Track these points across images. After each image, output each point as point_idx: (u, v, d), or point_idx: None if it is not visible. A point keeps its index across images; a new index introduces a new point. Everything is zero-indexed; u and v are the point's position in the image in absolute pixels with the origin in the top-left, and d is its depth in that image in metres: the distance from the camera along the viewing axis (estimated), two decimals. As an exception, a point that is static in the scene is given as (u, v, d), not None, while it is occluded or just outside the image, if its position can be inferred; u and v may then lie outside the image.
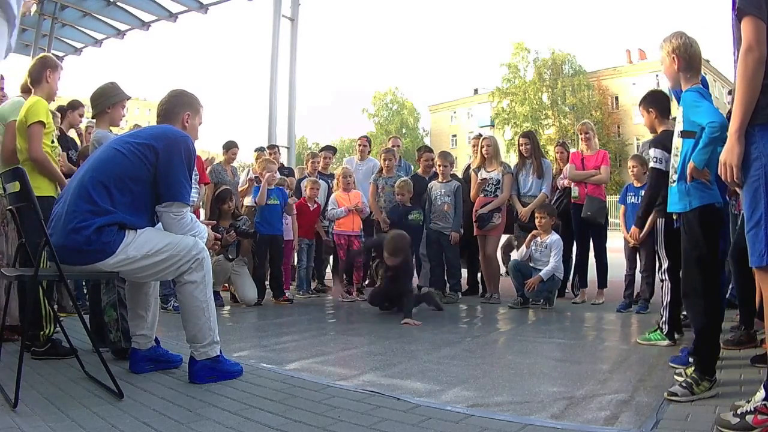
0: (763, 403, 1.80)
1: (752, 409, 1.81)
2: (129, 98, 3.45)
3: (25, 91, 3.42)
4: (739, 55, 1.85)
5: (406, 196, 5.65)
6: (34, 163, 3.14)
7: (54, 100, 3.38)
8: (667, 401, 2.21)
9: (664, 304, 3.41)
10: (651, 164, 3.42)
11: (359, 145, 7.08)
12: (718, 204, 2.46)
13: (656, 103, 3.47)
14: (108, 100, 3.28)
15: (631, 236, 4.30)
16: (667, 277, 3.41)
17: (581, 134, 5.65)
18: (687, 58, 2.49)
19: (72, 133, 5.38)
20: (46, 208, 2.59)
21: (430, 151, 6.64)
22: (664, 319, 3.39)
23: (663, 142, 3.39)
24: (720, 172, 1.95)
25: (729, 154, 1.89)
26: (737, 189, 1.99)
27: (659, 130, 3.46)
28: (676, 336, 3.41)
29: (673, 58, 2.50)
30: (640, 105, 3.57)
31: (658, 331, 3.41)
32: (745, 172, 1.88)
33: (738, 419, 1.81)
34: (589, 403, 2.22)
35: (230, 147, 6.63)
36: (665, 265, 3.42)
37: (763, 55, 1.81)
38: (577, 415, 2.08)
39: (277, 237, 5.54)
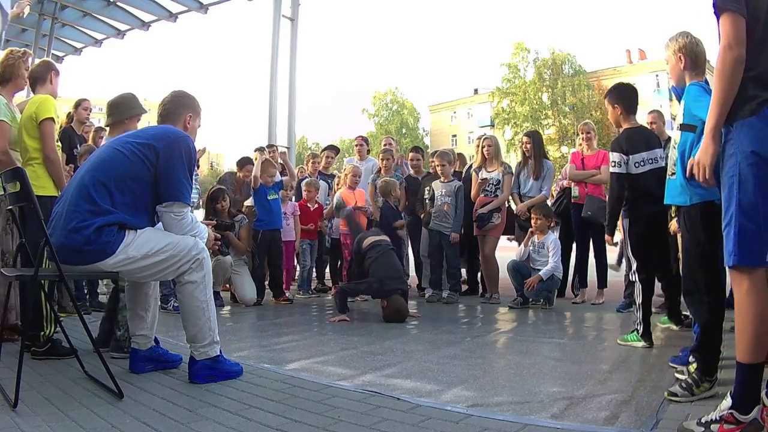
0: (730, 411, 1.75)
1: (717, 418, 1.76)
2: (146, 112, 3.39)
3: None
4: (718, 53, 1.80)
5: (391, 196, 5.68)
6: (47, 162, 3.14)
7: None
8: (667, 401, 2.21)
9: (638, 304, 3.39)
10: (610, 168, 3.41)
11: (356, 145, 7.11)
12: (717, 201, 2.46)
13: (622, 99, 3.49)
14: (127, 112, 3.23)
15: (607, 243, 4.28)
16: (637, 278, 3.40)
17: (582, 134, 5.64)
18: (693, 56, 2.49)
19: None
20: (51, 207, 2.59)
21: (416, 150, 6.65)
22: (638, 319, 3.36)
23: (621, 144, 3.42)
24: (693, 171, 1.93)
25: (703, 153, 1.86)
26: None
27: (623, 126, 3.48)
28: (677, 327, 3.44)
29: (679, 57, 2.51)
30: (605, 97, 3.57)
31: (635, 332, 3.39)
32: (721, 169, 1.85)
33: (702, 428, 1.77)
34: (589, 403, 2.22)
35: (244, 164, 6.03)
36: (634, 266, 3.42)
37: (742, 54, 1.76)
38: (577, 415, 2.08)
39: (276, 234, 5.50)
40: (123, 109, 3.23)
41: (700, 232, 2.39)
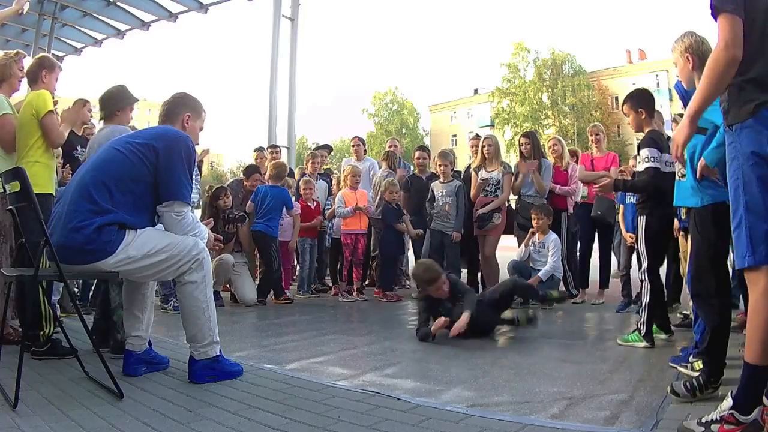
0: (730, 412, 1.74)
1: (718, 418, 1.75)
2: (137, 101, 3.47)
3: None
4: (714, 51, 1.80)
5: (394, 195, 5.68)
6: (55, 147, 3.21)
7: None
8: (667, 401, 2.21)
9: (643, 304, 3.36)
10: (647, 164, 3.38)
11: (353, 146, 7.14)
12: (728, 201, 2.45)
13: (645, 103, 3.47)
14: (117, 104, 3.29)
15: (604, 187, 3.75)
16: (646, 277, 3.37)
17: (592, 136, 5.61)
18: (699, 55, 2.46)
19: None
20: (48, 204, 2.59)
21: (422, 149, 6.65)
22: (642, 320, 3.34)
23: (655, 140, 3.39)
24: (671, 150, 2.06)
25: (678, 133, 2.00)
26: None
27: (646, 130, 3.46)
28: (665, 336, 3.44)
29: (687, 57, 2.49)
30: (624, 104, 3.54)
31: (636, 333, 3.37)
32: (726, 172, 1.87)
33: (702, 428, 1.77)
34: (589, 403, 2.22)
35: (251, 173, 6.02)
36: (644, 265, 3.39)
37: (737, 56, 1.75)
38: (577, 415, 2.08)
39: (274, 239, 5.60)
40: (113, 102, 3.30)
41: (712, 233, 2.38)
